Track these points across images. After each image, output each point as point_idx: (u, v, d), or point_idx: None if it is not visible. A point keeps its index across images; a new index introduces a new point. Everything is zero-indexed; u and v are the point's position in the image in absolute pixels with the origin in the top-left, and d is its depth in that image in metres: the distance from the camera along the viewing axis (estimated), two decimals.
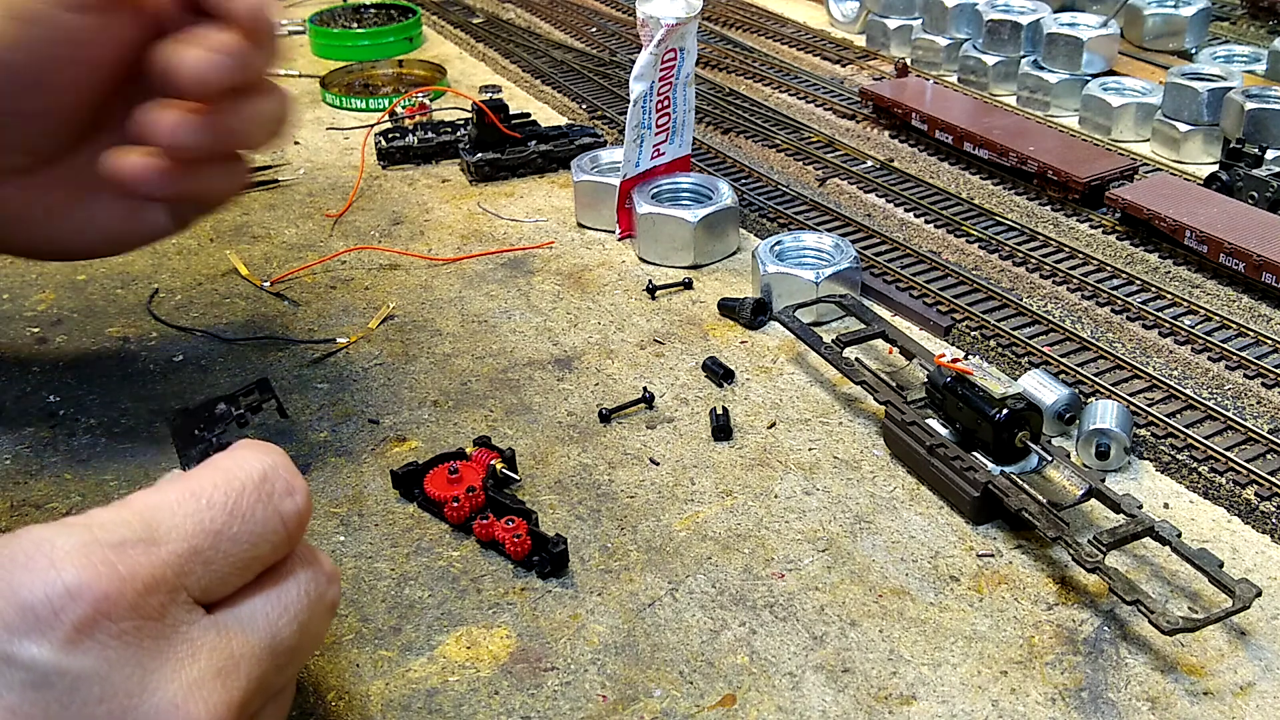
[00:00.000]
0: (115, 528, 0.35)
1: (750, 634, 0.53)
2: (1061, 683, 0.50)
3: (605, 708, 0.49)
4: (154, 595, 0.34)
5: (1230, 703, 0.49)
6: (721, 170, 1.00)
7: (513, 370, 0.73)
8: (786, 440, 0.66)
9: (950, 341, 0.75)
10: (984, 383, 0.61)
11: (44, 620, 0.32)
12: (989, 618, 0.54)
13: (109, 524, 0.35)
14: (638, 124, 0.85)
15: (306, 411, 0.69)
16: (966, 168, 0.99)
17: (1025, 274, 0.82)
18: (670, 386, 0.71)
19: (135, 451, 0.66)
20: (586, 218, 0.91)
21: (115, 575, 0.33)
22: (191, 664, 0.34)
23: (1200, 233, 0.81)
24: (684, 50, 0.84)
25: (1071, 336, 0.74)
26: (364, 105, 1.15)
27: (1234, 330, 0.74)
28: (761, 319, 0.77)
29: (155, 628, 0.34)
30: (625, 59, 1.25)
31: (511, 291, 0.82)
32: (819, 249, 0.81)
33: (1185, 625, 0.49)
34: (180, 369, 0.74)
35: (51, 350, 0.76)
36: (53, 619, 0.32)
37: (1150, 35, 1.16)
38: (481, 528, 0.58)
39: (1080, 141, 0.98)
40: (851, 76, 1.21)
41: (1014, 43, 1.12)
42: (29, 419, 0.69)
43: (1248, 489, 0.60)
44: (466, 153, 0.99)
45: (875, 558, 0.57)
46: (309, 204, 0.96)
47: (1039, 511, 0.56)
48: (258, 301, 0.81)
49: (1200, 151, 0.98)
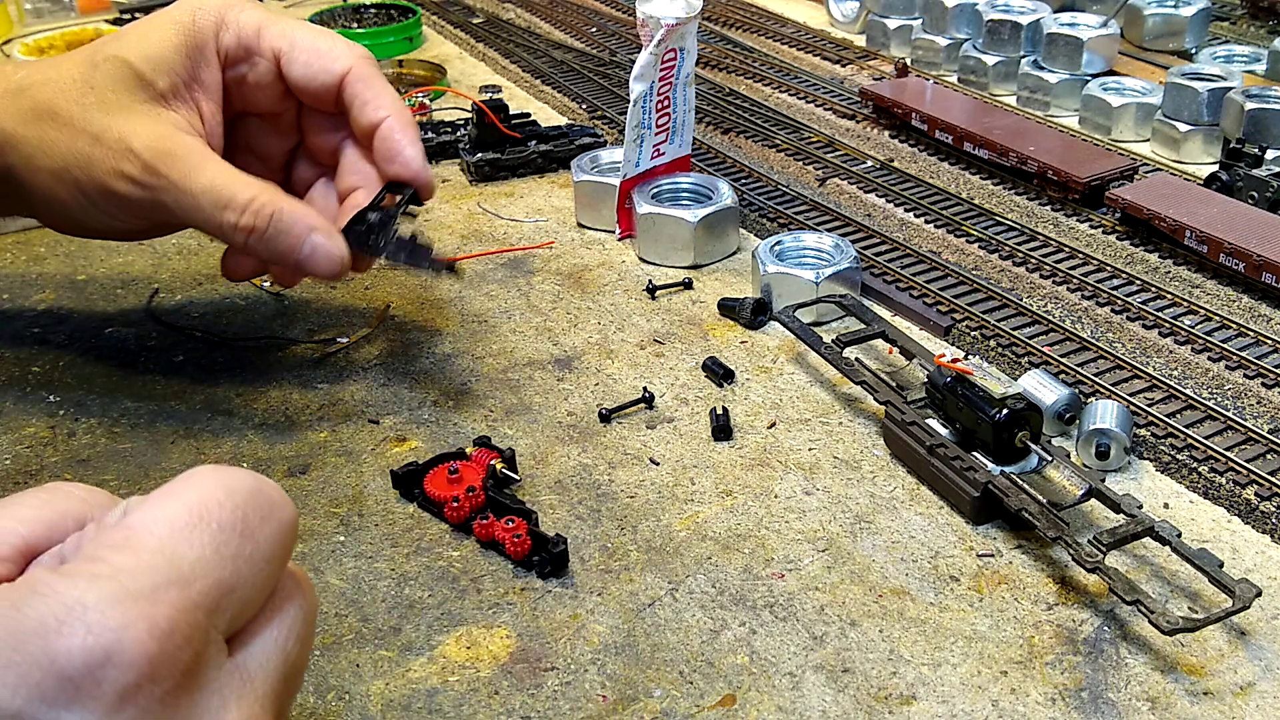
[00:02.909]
0: (143, 574, 0.32)
1: (750, 634, 0.53)
2: (1061, 683, 0.50)
3: (605, 708, 0.49)
4: (191, 645, 0.32)
5: (1230, 703, 0.49)
6: (721, 170, 1.00)
7: (513, 370, 0.73)
8: (786, 440, 0.66)
9: (950, 341, 0.75)
10: (984, 383, 0.61)
11: (85, 691, 0.30)
12: (989, 618, 0.54)
13: (135, 571, 0.32)
14: (638, 124, 0.85)
15: (306, 411, 0.69)
16: (966, 168, 0.99)
17: (1025, 274, 0.82)
18: (670, 386, 0.71)
19: (135, 451, 0.66)
20: (586, 218, 0.91)
21: (156, 633, 0.31)
22: (224, 716, 0.33)
23: (1200, 233, 0.81)
24: (684, 50, 0.84)
25: (1071, 336, 0.74)
26: None
27: (1234, 330, 0.74)
28: (761, 319, 0.77)
29: (192, 682, 0.32)
30: (625, 59, 1.25)
31: (511, 291, 0.82)
32: (819, 249, 0.81)
33: (1185, 625, 0.49)
34: (180, 369, 0.74)
35: (51, 350, 0.76)
36: (94, 689, 0.30)
37: (1150, 35, 1.16)
38: (481, 528, 0.58)
39: (1080, 141, 0.98)
40: (851, 76, 1.21)
41: (1014, 43, 1.12)
42: (29, 419, 0.69)
43: (1248, 489, 0.60)
44: (466, 153, 0.99)
45: (875, 558, 0.57)
46: None
47: (1039, 511, 0.56)
48: (258, 301, 0.81)
49: (1200, 151, 0.98)
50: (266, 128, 0.71)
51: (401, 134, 0.67)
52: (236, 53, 0.67)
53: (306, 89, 0.68)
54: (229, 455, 0.66)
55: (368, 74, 0.68)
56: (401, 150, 0.67)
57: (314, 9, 1.39)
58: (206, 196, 0.62)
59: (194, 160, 0.62)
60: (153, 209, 0.63)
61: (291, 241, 0.63)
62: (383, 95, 0.68)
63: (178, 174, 0.62)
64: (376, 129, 0.67)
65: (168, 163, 0.62)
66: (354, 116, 0.68)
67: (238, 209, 0.62)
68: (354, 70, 0.67)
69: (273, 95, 0.69)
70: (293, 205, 0.64)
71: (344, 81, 0.67)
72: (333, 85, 0.67)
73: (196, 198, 0.62)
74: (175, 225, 0.69)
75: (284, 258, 0.63)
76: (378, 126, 0.67)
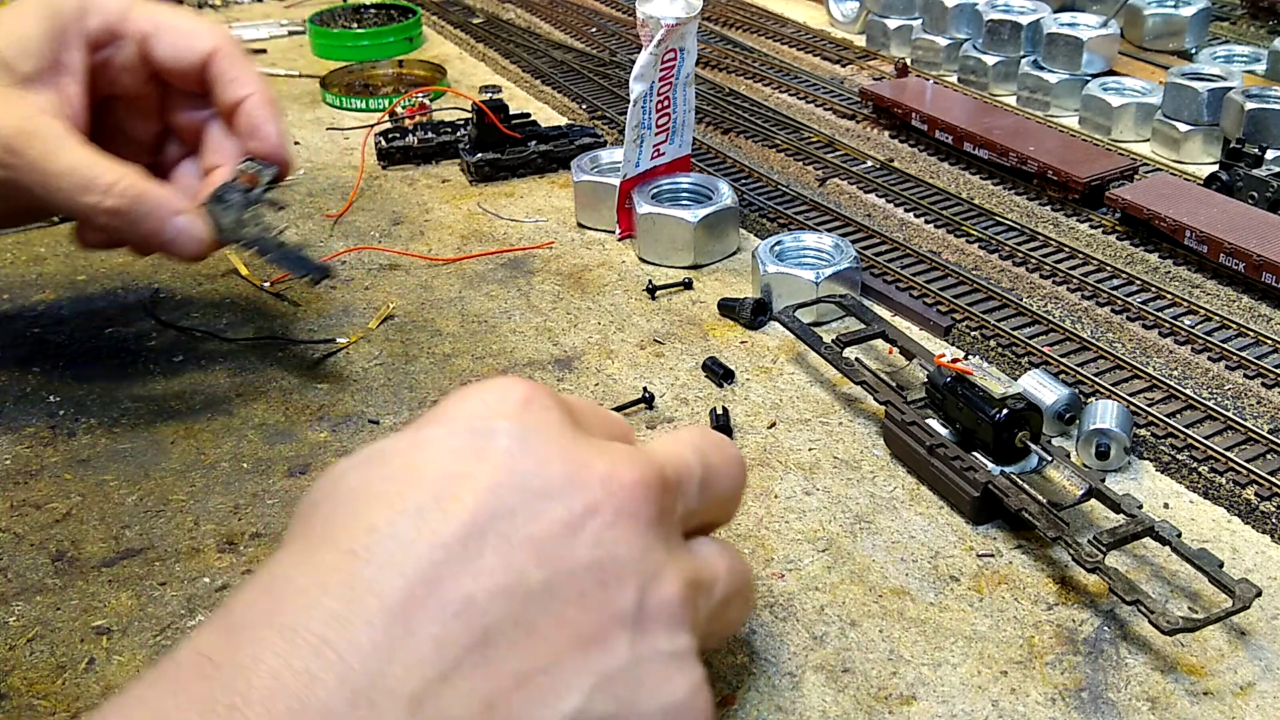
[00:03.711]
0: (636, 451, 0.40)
1: (750, 634, 0.53)
2: (1061, 683, 0.50)
3: None
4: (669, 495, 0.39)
5: (1230, 703, 0.49)
6: (721, 170, 1.00)
7: (513, 370, 0.73)
8: (786, 440, 0.66)
9: (950, 341, 0.75)
10: (984, 383, 0.61)
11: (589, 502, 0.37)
12: (989, 618, 0.54)
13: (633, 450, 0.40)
14: (638, 124, 0.85)
15: (306, 411, 0.69)
16: (966, 168, 0.99)
17: (1025, 274, 0.82)
18: (670, 386, 0.71)
19: (135, 451, 0.66)
20: (586, 218, 0.91)
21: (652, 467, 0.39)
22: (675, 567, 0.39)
23: (1200, 233, 0.81)
24: (684, 50, 0.84)
25: (1071, 336, 0.74)
26: (364, 105, 1.15)
27: (1234, 330, 0.74)
28: (761, 319, 0.77)
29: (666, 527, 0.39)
30: (625, 59, 1.25)
31: (511, 291, 0.82)
32: (819, 249, 0.81)
33: (1185, 625, 0.49)
34: (180, 369, 0.74)
35: (51, 350, 0.76)
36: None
37: (1150, 35, 1.16)
38: None
39: (1080, 141, 0.98)
40: (851, 76, 1.21)
41: (1014, 43, 1.12)
42: (29, 419, 0.69)
43: (1248, 489, 0.60)
44: (466, 153, 0.99)
45: (875, 558, 0.57)
46: (309, 204, 0.96)
47: (1039, 511, 0.56)
48: (258, 301, 0.81)
49: (1200, 151, 0.98)
50: (134, 110, 0.72)
51: (263, 110, 0.68)
52: (102, 36, 0.67)
53: (173, 69, 0.68)
54: (229, 455, 0.66)
55: (231, 53, 0.68)
56: (261, 125, 0.68)
57: (314, 9, 1.39)
58: (68, 178, 0.62)
59: (56, 142, 0.63)
60: (14, 191, 0.63)
61: (155, 224, 0.64)
62: (246, 74, 0.68)
63: (38, 155, 0.62)
64: (239, 105, 0.68)
65: (29, 143, 0.62)
66: (218, 94, 0.68)
67: (100, 190, 0.62)
68: (218, 49, 0.68)
69: (139, 77, 0.69)
70: (156, 188, 0.64)
71: (208, 60, 0.68)
72: (198, 64, 0.68)
73: (58, 179, 0.62)
74: (38, 211, 0.70)
75: (147, 240, 0.65)
76: (241, 103, 0.68)
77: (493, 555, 0.35)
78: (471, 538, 0.35)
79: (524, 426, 0.38)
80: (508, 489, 0.36)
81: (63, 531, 0.60)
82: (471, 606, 0.34)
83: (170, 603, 0.55)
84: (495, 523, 0.35)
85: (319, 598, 0.33)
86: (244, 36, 1.37)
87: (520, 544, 0.35)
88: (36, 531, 0.60)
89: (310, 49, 1.32)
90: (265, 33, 1.39)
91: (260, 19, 1.44)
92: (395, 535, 0.35)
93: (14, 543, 0.59)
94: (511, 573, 0.34)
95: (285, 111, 1.15)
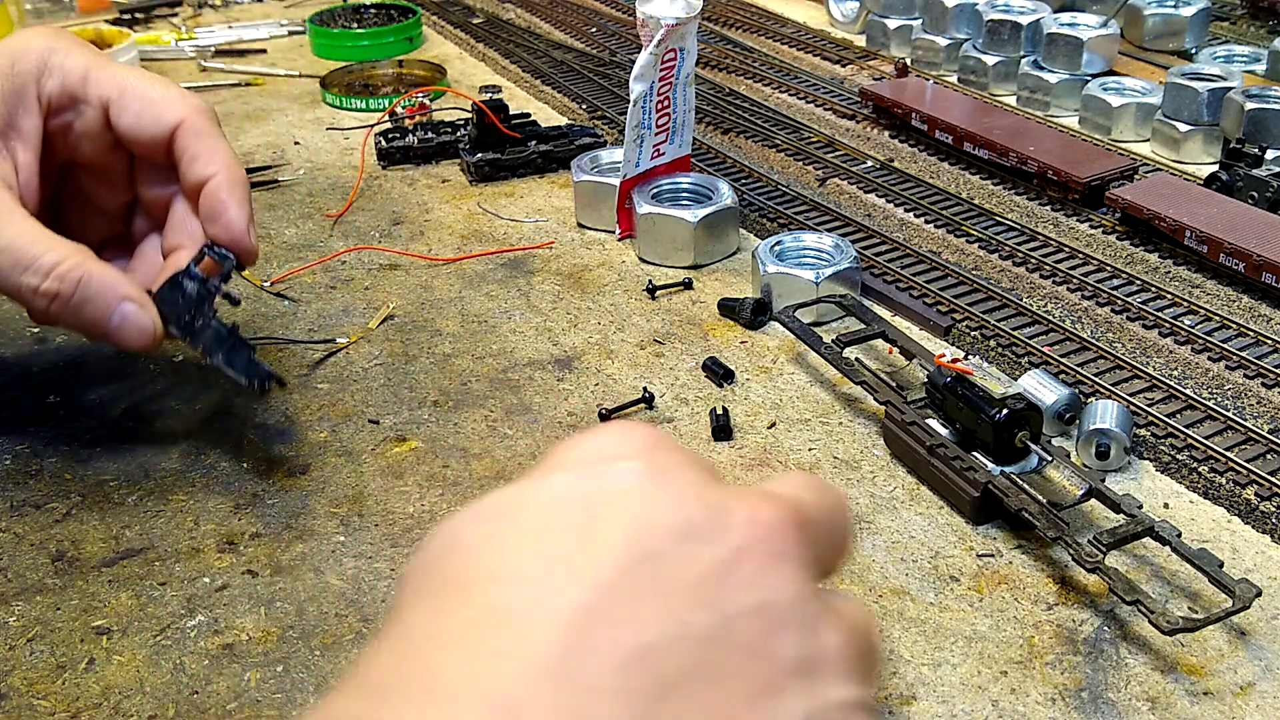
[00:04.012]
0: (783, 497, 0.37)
1: None
2: (1061, 683, 0.50)
3: None
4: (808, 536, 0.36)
5: (1230, 703, 0.49)
6: (721, 170, 1.00)
7: (513, 370, 0.73)
8: (786, 440, 0.66)
9: (950, 341, 0.75)
10: (984, 383, 0.61)
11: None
12: (989, 618, 0.54)
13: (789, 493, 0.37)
14: (638, 124, 0.85)
15: (306, 411, 0.69)
16: (966, 168, 0.99)
17: (1025, 274, 0.82)
18: (670, 386, 0.71)
19: (135, 451, 0.66)
20: (586, 218, 0.91)
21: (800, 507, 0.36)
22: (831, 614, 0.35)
23: (1200, 233, 0.81)
24: (684, 50, 0.84)
25: (1071, 336, 0.74)
26: (364, 105, 1.15)
27: (1234, 330, 0.74)
28: (761, 319, 0.77)
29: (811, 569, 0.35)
30: (625, 59, 1.25)
31: (511, 291, 0.82)
32: (819, 249, 0.81)
33: (1185, 625, 0.49)
34: (180, 369, 0.74)
35: (51, 350, 0.76)
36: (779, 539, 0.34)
37: (1150, 35, 1.16)
38: None
39: (1080, 141, 0.98)
40: (851, 76, 1.21)
41: (1014, 43, 1.12)
42: (29, 419, 0.69)
43: (1248, 489, 0.60)
44: (466, 153, 0.99)
45: (875, 558, 0.57)
46: (309, 204, 0.96)
47: (1039, 511, 0.56)
48: (258, 301, 0.81)
49: (1200, 151, 0.98)
50: (100, 178, 0.67)
51: (228, 194, 0.62)
52: (60, 100, 0.63)
53: (136, 140, 0.63)
54: (229, 455, 0.66)
55: (201, 127, 0.63)
56: (225, 211, 0.62)
57: (314, 9, 1.39)
58: (5, 255, 0.57)
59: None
60: None
61: (99, 311, 0.59)
62: (214, 151, 0.63)
63: None
64: (203, 185, 0.62)
65: None
66: (182, 171, 0.63)
67: (40, 272, 0.58)
68: (186, 122, 0.63)
69: (102, 145, 0.64)
70: (102, 270, 0.59)
71: (175, 133, 0.63)
72: (163, 137, 0.63)
73: None
74: None
75: (90, 328, 0.60)
76: (204, 183, 0.62)
77: (652, 601, 0.31)
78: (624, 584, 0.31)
79: (653, 468, 0.35)
80: (650, 532, 0.33)
81: (63, 531, 0.60)
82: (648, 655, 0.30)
83: (170, 602, 0.55)
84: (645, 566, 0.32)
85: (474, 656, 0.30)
86: (244, 36, 1.37)
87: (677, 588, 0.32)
88: (36, 531, 0.60)
89: (310, 49, 1.32)
90: (265, 33, 1.39)
91: (260, 19, 1.44)
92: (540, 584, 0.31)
93: (14, 543, 0.59)
94: (677, 619, 0.31)
95: (285, 111, 1.15)
